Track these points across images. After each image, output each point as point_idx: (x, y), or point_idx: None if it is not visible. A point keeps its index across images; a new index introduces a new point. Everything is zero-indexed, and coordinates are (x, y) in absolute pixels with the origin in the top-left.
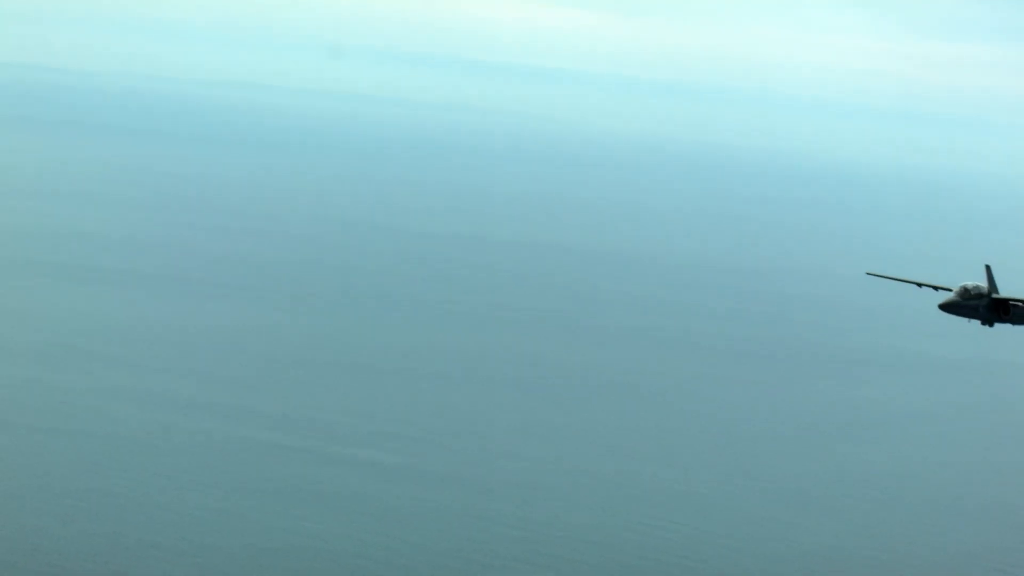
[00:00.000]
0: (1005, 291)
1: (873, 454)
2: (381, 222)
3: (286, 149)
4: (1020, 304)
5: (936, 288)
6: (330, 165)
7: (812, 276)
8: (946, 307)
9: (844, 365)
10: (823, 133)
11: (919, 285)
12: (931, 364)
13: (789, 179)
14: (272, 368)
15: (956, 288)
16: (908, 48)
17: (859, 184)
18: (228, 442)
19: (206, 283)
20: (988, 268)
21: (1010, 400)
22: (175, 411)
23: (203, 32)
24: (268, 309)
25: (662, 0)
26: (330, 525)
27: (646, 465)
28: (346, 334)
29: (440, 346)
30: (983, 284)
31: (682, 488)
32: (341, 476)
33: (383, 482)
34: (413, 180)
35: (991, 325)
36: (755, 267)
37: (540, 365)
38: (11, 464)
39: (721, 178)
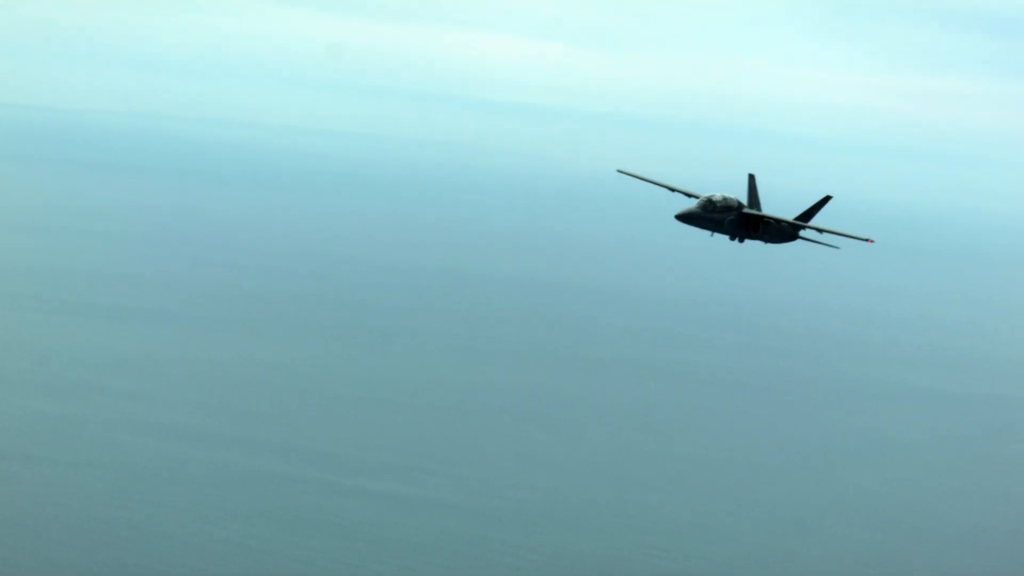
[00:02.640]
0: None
1: (870, 482)
2: (379, 258)
3: (283, 185)
4: (772, 221)
5: (689, 195)
6: (326, 200)
7: (803, 310)
8: (684, 218)
9: (837, 395)
10: (809, 168)
11: (671, 190)
12: (922, 395)
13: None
14: (281, 400)
15: (701, 198)
16: (893, 83)
17: (847, 219)
18: (242, 473)
19: (212, 318)
20: (751, 177)
21: (998, 429)
22: (189, 443)
23: (195, 68)
24: (274, 343)
25: (647, 36)
26: (342, 554)
27: (647, 494)
28: (351, 367)
29: (442, 378)
30: (733, 197)
31: (684, 516)
32: (352, 505)
33: (393, 511)
34: (407, 215)
35: (740, 241)
36: (747, 301)
37: (540, 397)
38: (32, 496)
39: None
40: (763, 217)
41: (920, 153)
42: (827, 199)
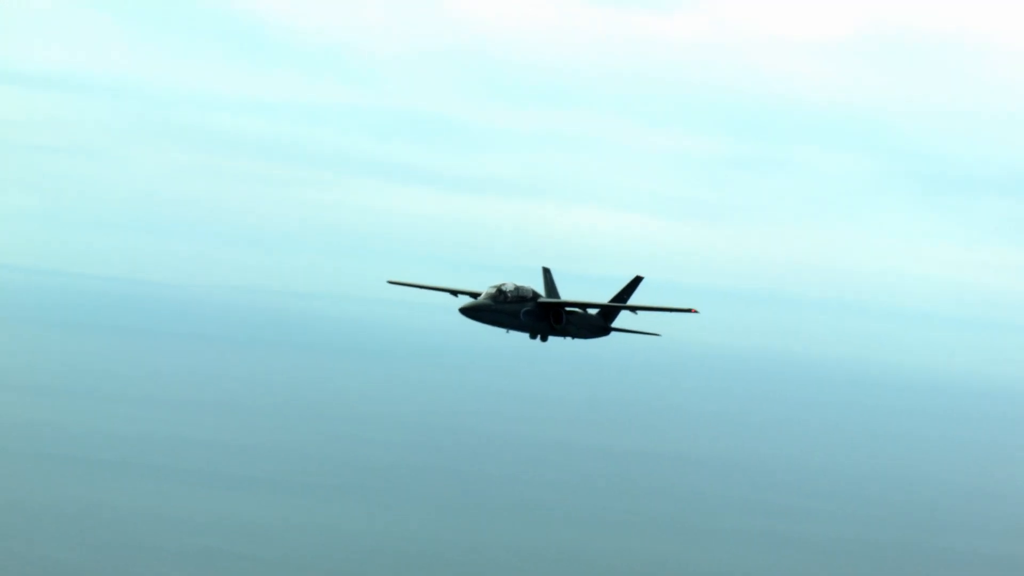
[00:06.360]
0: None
1: None
2: (491, 428)
3: (390, 357)
4: (579, 310)
5: (475, 296)
6: (434, 373)
7: (916, 482)
8: (471, 311)
9: (948, 567)
10: (908, 343)
11: (454, 293)
12: None
13: (873, 387)
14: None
15: (489, 288)
16: (989, 255)
17: (946, 393)
18: None
19: (335, 487)
20: (546, 271)
21: None
22: None
23: (295, 241)
24: (402, 513)
25: (740, 209)
26: None
27: None
28: (482, 538)
29: (564, 547)
30: (528, 286)
31: None
32: None
33: None
34: (508, 388)
35: (543, 339)
36: (861, 472)
37: (662, 567)
38: None
39: (809, 386)
40: (564, 304)
41: (1018, 326)
42: (638, 279)
